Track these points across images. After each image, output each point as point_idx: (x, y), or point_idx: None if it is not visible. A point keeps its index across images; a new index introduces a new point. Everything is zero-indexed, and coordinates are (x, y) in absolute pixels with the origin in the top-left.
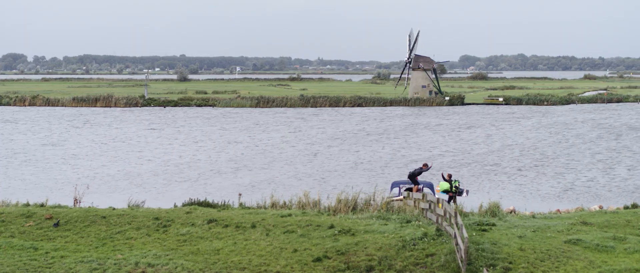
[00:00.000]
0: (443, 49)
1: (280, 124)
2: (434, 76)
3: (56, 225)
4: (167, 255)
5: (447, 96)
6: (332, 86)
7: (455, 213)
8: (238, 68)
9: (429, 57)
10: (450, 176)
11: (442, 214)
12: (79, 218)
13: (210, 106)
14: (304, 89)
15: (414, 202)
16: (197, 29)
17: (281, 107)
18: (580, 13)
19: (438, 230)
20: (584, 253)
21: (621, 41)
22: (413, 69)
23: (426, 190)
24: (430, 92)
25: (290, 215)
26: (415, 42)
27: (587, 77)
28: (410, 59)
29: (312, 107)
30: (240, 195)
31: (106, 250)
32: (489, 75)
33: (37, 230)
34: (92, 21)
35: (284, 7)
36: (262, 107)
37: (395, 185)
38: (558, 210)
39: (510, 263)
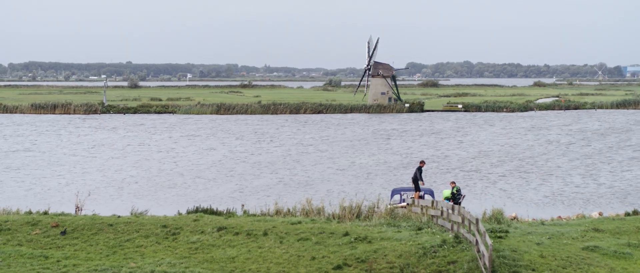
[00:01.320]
0: (389, 56)
1: (249, 131)
2: (393, 83)
3: (63, 233)
4: (182, 264)
5: (407, 103)
6: (285, 93)
7: (477, 221)
8: (189, 75)
9: (388, 65)
10: (453, 183)
11: (460, 221)
12: (86, 226)
13: (170, 112)
14: (257, 96)
15: (421, 209)
16: (142, 36)
17: (242, 114)
18: (525, 21)
19: (456, 237)
20: (604, 260)
21: (566, 48)
22: (372, 76)
23: (427, 196)
24: (390, 99)
25: (300, 222)
26: (374, 49)
27: (537, 84)
28: (369, 66)
29: (272, 114)
30: (243, 205)
31: (118, 258)
32: (439, 82)
33: (44, 238)
34: (37, 27)
35: (228, 15)
36: (222, 114)
37: (395, 191)
38: (560, 217)
39: (533, 270)
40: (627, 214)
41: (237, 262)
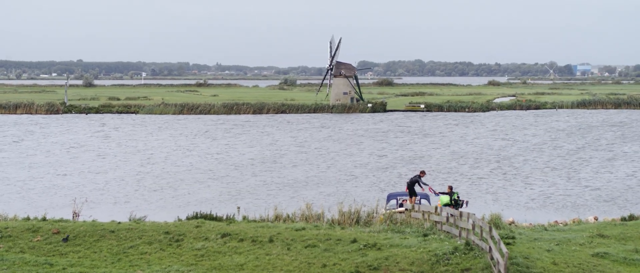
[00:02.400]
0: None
1: (219, 131)
2: (355, 82)
3: (65, 239)
4: (190, 271)
5: (370, 103)
6: (242, 92)
7: (490, 228)
8: (144, 74)
9: (350, 64)
10: (450, 188)
11: (470, 228)
12: (87, 233)
13: (132, 112)
14: (215, 95)
15: (423, 214)
16: (92, 33)
17: (206, 114)
18: (475, 20)
19: (467, 244)
20: (615, 267)
21: (516, 47)
22: (335, 76)
23: (424, 201)
24: (352, 99)
25: (304, 228)
26: (337, 49)
27: (491, 83)
28: (332, 66)
29: (235, 114)
30: (239, 208)
31: (124, 266)
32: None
33: (46, 244)
34: None
35: (179, 13)
36: (186, 114)
37: (392, 196)
38: (556, 221)
39: None
40: (624, 218)
41: (246, 269)
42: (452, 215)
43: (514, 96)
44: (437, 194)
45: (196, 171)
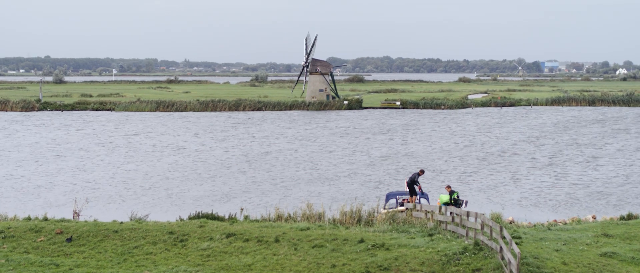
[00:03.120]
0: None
1: (199, 129)
2: (331, 79)
3: (69, 240)
4: (198, 271)
5: (346, 100)
6: (214, 89)
7: (501, 228)
8: (114, 70)
9: (326, 62)
10: (449, 188)
11: (479, 227)
12: (90, 233)
13: (108, 110)
14: (187, 92)
15: (425, 214)
16: (59, 29)
17: (182, 111)
18: (443, 16)
19: (476, 244)
20: (625, 267)
21: (484, 43)
22: (311, 73)
23: (423, 200)
24: (328, 96)
25: (308, 228)
26: (312, 46)
27: (462, 80)
28: (307, 63)
29: (211, 111)
30: (242, 209)
31: (130, 266)
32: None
33: (50, 245)
34: None
35: (144, 8)
36: (162, 111)
37: (391, 196)
38: (555, 220)
39: None
40: (623, 217)
41: (255, 269)
42: (458, 214)
43: (486, 92)
44: (422, 193)
45: (184, 169)
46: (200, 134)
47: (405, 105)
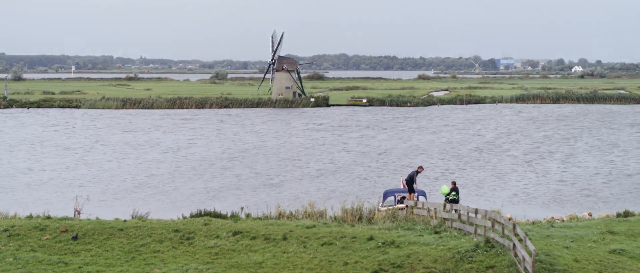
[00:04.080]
0: (263, 49)
1: (174, 126)
2: (297, 77)
3: (75, 238)
4: (208, 270)
5: (312, 98)
6: (176, 86)
7: (514, 225)
8: (73, 67)
9: (292, 59)
10: (454, 183)
11: (490, 225)
12: (96, 231)
13: (74, 107)
14: (148, 89)
15: (428, 211)
16: (12, 25)
17: (149, 108)
18: (398, 15)
19: (488, 241)
20: (635, 264)
21: (439, 41)
22: (277, 70)
23: (422, 198)
24: (294, 93)
25: (314, 225)
26: (279, 44)
27: (422, 78)
28: (274, 60)
29: (178, 108)
30: (242, 208)
31: (139, 264)
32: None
33: (56, 243)
34: None
35: (97, 4)
36: (128, 108)
37: (389, 193)
38: (552, 218)
39: None
40: (619, 214)
41: (265, 267)
42: (466, 212)
43: (447, 90)
44: (404, 187)
45: (168, 166)
46: (173, 131)
47: (371, 102)
